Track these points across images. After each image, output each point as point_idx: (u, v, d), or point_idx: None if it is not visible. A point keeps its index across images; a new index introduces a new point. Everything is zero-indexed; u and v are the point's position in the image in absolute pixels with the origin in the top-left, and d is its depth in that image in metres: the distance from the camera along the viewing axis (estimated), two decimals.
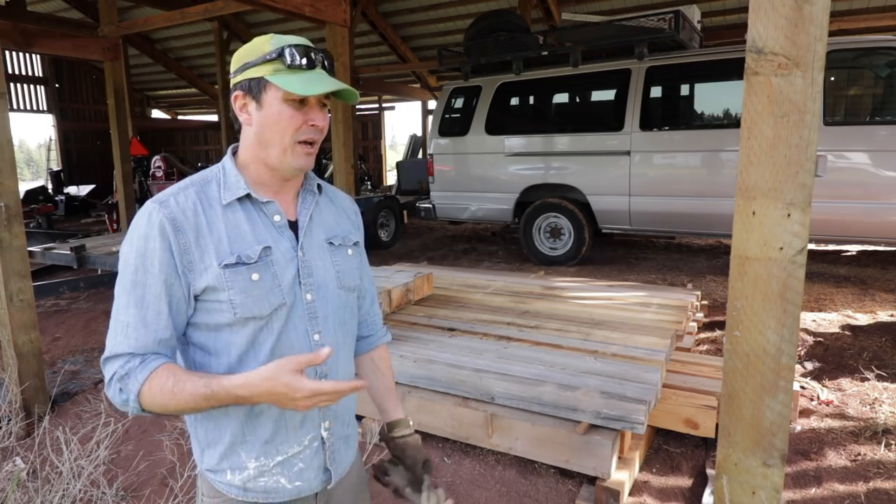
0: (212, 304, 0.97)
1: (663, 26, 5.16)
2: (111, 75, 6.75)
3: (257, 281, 0.97)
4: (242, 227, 0.99)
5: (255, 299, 0.97)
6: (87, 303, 5.39)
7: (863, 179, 4.57)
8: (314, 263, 1.05)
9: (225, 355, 0.99)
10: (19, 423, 2.94)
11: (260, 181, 1.03)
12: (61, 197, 12.06)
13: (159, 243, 0.94)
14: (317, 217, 1.09)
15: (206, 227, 0.97)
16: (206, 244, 0.96)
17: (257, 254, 0.98)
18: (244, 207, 1.01)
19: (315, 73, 0.98)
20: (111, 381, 0.93)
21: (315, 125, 0.99)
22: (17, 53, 14.17)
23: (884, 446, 2.45)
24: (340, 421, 1.10)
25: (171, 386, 0.90)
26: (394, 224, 7.73)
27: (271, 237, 1.01)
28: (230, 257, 0.96)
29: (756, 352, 1.31)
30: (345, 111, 4.41)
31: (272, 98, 0.97)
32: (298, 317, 1.02)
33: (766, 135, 1.24)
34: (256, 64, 0.98)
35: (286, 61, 0.96)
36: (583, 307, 3.60)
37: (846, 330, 3.85)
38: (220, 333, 0.98)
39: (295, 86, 0.95)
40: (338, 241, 1.10)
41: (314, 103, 0.99)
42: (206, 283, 0.95)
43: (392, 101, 15.57)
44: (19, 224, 2.98)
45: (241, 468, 1.03)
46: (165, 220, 0.94)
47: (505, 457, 2.45)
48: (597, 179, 5.69)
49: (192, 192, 0.99)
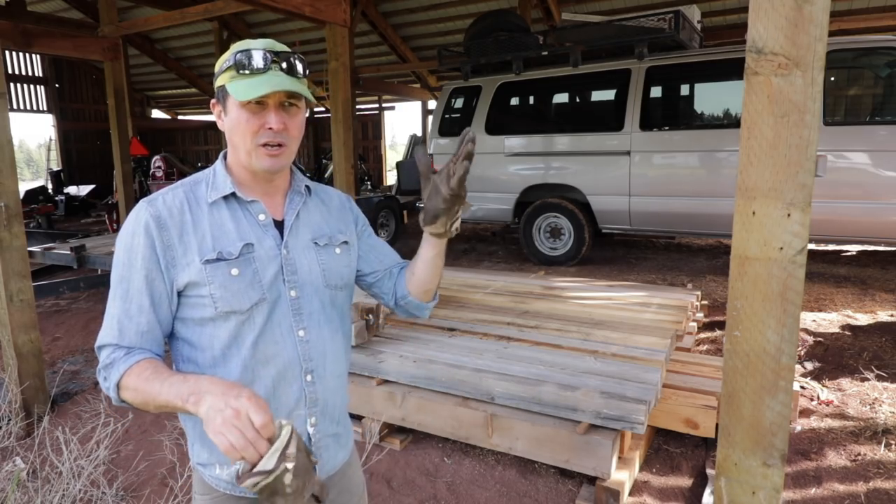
0: (195, 298, 1.00)
1: (663, 26, 5.16)
2: (111, 75, 6.75)
3: (237, 276, 1.00)
4: (227, 224, 1.03)
5: (233, 294, 0.99)
6: (87, 303, 5.39)
7: (863, 179, 4.56)
8: (299, 261, 1.07)
9: (209, 349, 1.02)
10: (19, 423, 2.94)
11: (244, 183, 1.07)
12: (61, 197, 12.05)
13: (143, 240, 0.98)
14: (304, 217, 1.11)
15: (192, 224, 1.01)
16: (190, 241, 1.00)
17: (238, 250, 1.01)
18: (229, 206, 1.05)
19: (268, 76, 0.98)
20: (99, 370, 0.98)
21: (270, 128, 0.99)
22: (17, 53, 14.16)
23: (884, 446, 2.45)
24: (329, 418, 1.11)
25: (148, 375, 0.92)
26: (394, 224, 7.73)
27: (255, 235, 1.04)
28: (212, 253, 0.99)
29: (756, 352, 1.31)
30: (345, 111, 4.41)
31: (231, 104, 1.01)
32: (283, 313, 1.04)
33: (766, 135, 1.24)
34: (221, 73, 1.03)
35: (236, 67, 0.99)
36: (583, 307, 3.60)
37: (846, 330, 3.85)
38: (205, 328, 1.01)
39: (239, 91, 0.97)
40: (323, 241, 1.12)
41: (272, 106, 0.99)
42: (188, 279, 0.99)
43: (392, 101, 15.55)
44: (19, 224, 2.98)
45: (228, 462, 1.03)
46: (150, 217, 0.99)
47: (505, 457, 2.45)
48: (597, 179, 5.69)
49: (180, 192, 1.04)
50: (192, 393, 0.86)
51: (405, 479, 2.38)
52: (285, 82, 0.98)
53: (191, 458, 1.10)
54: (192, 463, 1.10)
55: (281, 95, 0.99)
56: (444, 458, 2.50)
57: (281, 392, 1.03)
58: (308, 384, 1.06)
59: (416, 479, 2.37)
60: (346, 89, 4.34)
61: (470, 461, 2.46)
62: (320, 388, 1.08)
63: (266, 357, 1.03)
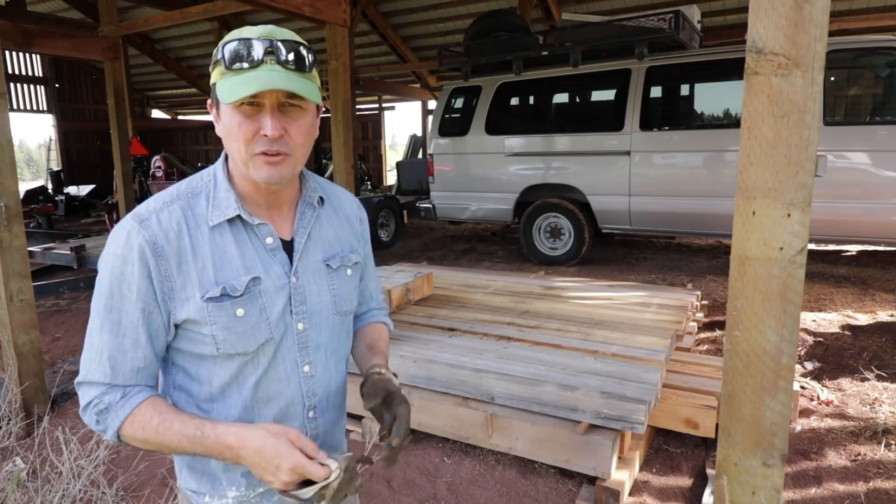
0: (194, 334, 0.90)
1: (663, 26, 5.16)
2: (111, 75, 6.75)
3: (242, 317, 0.89)
4: (230, 251, 0.90)
5: (238, 336, 0.90)
6: (87, 303, 5.38)
7: (863, 179, 4.56)
8: (308, 288, 0.97)
9: (207, 384, 0.93)
10: (19, 423, 2.94)
11: (248, 195, 0.93)
12: (61, 197, 12.06)
13: (138, 269, 0.85)
14: (315, 234, 0.99)
15: (191, 251, 0.88)
16: (189, 271, 0.88)
17: (244, 285, 0.89)
18: (234, 229, 0.92)
19: (260, 72, 0.82)
20: (87, 408, 0.87)
21: (266, 135, 0.84)
22: (17, 53, 14.17)
23: (884, 446, 2.45)
24: (329, 447, 1.05)
25: (157, 425, 0.85)
26: (394, 224, 7.73)
27: (261, 263, 0.92)
28: (214, 289, 0.88)
29: (756, 352, 1.31)
30: (345, 111, 4.41)
31: (223, 106, 0.86)
32: (288, 349, 0.95)
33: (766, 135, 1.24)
34: (213, 68, 0.88)
35: (224, 61, 0.84)
36: (583, 307, 3.60)
37: (846, 330, 3.85)
38: (203, 362, 0.92)
39: (224, 90, 0.83)
40: (336, 263, 1.01)
41: (269, 108, 0.83)
42: (186, 315, 0.88)
43: (392, 101, 15.56)
44: (19, 224, 2.98)
45: (221, 495, 0.98)
46: (146, 243, 0.86)
47: (505, 457, 2.45)
48: (597, 179, 5.69)
49: (177, 209, 0.90)
50: (227, 448, 0.84)
51: (405, 479, 2.38)
52: (279, 80, 0.82)
53: (179, 480, 1.03)
54: (180, 485, 1.03)
55: (279, 95, 0.84)
56: (443, 457, 2.50)
57: None
58: (310, 420, 1.00)
59: (415, 478, 2.37)
60: (346, 89, 4.33)
61: (470, 461, 2.46)
62: (321, 423, 1.03)
63: (268, 396, 0.95)
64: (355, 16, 9.31)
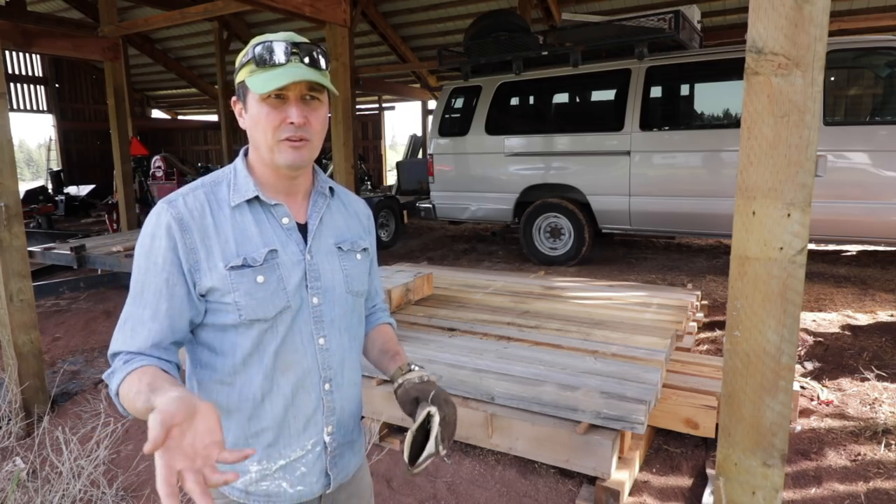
0: (217, 304, 0.97)
1: (663, 26, 5.16)
2: (111, 75, 6.75)
3: (262, 283, 0.97)
4: (250, 228, 1.00)
5: (259, 301, 0.97)
6: (87, 303, 5.39)
7: (863, 179, 4.56)
8: (322, 267, 1.05)
9: (230, 356, 0.99)
10: (19, 423, 2.94)
11: (267, 182, 1.04)
12: (61, 197, 12.05)
13: (165, 241, 0.95)
14: (327, 220, 1.09)
15: (213, 228, 0.98)
16: (212, 245, 0.97)
17: (263, 256, 0.98)
18: (252, 209, 1.01)
19: (287, 68, 0.95)
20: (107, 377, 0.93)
21: (292, 122, 0.96)
22: (17, 53, 14.17)
23: (884, 446, 2.45)
24: (344, 427, 1.10)
25: (135, 384, 0.85)
26: (394, 224, 7.73)
27: (278, 239, 1.01)
28: (236, 259, 0.97)
29: (756, 352, 1.31)
30: (345, 111, 4.41)
31: (252, 99, 0.98)
32: (304, 320, 1.02)
33: (766, 135, 1.24)
34: (240, 68, 1.00)
35: (255, 60, 0.96)
36: (583, 307, 3.60)
37: (846, 330, 3.85)
38: (227, 334, 0.99)
39: (257, 84, 0.95)
40: (346, 247, 1.10)
41: (293, 99, 0.96)
42: (210, 284, 0.96)
43: (392, 101, 15.57)
44: (19, 224, 2.98)
45: (243, 471, 1.02)
46: (172, 219, 0.96)
47: (505, 457, 2.45)
48: (597, 179, 5.69)
49: (201, 193, 1.01)
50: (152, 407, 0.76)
51: (405, 478, 2.38)
52: (306, 73, 0.95)
53: None
54: None
55: (302, 88, 0.96)
56: (444, 457, 2.50)
57: (300, 401, 1.02)
58: (326, 392, 1.05)
59: (415, 478, 2.37)
60: (346, 89, 4.34)
61: (470, 461, 2.46)
62: (337, 397, 1.07)
63: (286, 365, 1.01)
64: (355, 16, 9.30)
